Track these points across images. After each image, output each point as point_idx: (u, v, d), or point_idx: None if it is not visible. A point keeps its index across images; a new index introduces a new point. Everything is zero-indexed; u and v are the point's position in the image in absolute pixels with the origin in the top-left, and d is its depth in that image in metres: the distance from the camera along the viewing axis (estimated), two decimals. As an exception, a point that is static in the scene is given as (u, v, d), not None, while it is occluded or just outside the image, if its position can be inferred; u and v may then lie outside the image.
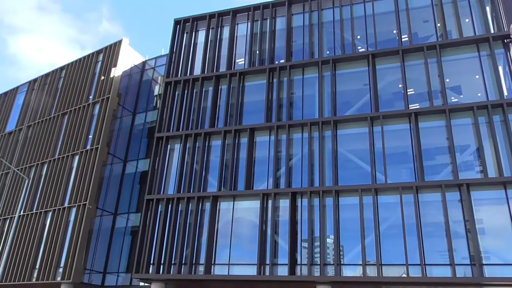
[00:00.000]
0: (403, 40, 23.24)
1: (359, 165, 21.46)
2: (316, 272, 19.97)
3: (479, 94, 20.94)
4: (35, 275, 27.35)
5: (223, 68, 26.84)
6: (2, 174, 34.29)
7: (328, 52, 24.77)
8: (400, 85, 22.41)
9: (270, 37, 26.36)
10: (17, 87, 38.68)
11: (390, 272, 19.07)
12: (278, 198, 22.08)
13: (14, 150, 34.86)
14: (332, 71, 23.65)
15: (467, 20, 22.53)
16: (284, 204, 21.76)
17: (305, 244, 20.55)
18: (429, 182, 19.77)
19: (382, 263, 19.13)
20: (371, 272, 19.20)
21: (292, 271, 20.17)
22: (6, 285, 29.06)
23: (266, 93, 24.57)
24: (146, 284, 25.13)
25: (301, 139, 22.97)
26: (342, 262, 19.96)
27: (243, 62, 26.70)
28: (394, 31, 23.67)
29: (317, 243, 20.46)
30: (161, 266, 22.77)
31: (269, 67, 25.14)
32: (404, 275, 18.69)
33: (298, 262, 20.49)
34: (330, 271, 19.86)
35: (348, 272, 19.89)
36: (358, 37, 24.36)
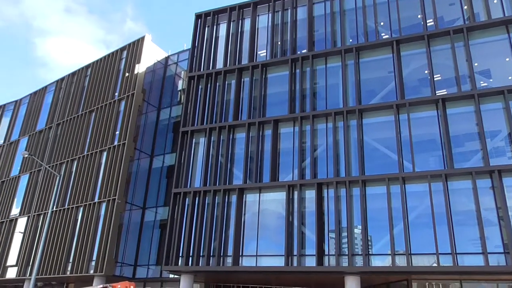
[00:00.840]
0: (428, 24, 22.64)
1: (385, 154, 21.15)
2: (345, 262, 19.87)
3: (509, 78, 20.24)
4: (69, 268, 28.21)
5: (245, 61, 26.81)
6: (34, 171, 35.37)
7: (351, 40, 24.40)
8: (426, 71, 21.89)
9: (291, 28, 26.14)
10: (46, 87, 39.69)
11: (420, 262, 18.80)
12: (304, 189, 22.01)
13: (45, 148, 35.88)
14: (355, 60, 23.30)
15: (495, 1, 21.75)
16: (310, 195, 21.69)
17: (333, 235, 20.45)
18: (459, 169, 19.32)
19: (412, 252, 18.87)
20: (401, 262, 18.98)
21: (320, 262, 20.14)
22: (43, 278, 30.11)
23: (289, 84, 24.43)
24: (176, 276, 25.59)
25: (326, 129, 22.78)
26: (370, 252, 19.79)
27: (265, 53, 26.60)
28: (419, 16, 23.07)
29: (344, 234, 20.35)
30: (190, 258, 23.11)
31: (291, 57, 24.97)
32: (435, 264, 18.40)
33: (326, 252, 20.43)
34: (359, 261, 19.73)
35: (377, 262, 19.70)
36: (382, 23, 23.89)
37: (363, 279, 20.40)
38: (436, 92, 21.09)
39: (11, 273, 32.00)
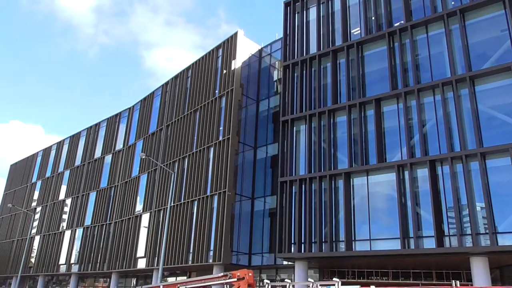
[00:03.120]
0: (547, -30, 19.86)
1: (506, 122, 19.12)
2: (468, 242, 18.46)
3: None
4: (190, 258, 30.29)
5: (339, 42, 26.11)
6: (151, 171, 38.45)
7: (453, 2, 22.38)
8: (549, 24, 19.27)
9: (385, 0, 24.79)
10: (153, 92, 42.81)
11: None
12: (415, 168, 20.88)
13: (158, 148, 38.80)
14: (460, 23, 21.35)
15: None
16: (423, 173, 20.49)
17: (452, 214, 19.11)
18: None
19: (549, 228, 16.88)
20: (535, 239, 17.10)
21: (440, 243, 18.96)
22: (168, 268, 32.77)
23: (388, 60, 23.27)
24: (290, 263, 26.06)
25: (434, 102, 21.29)
26: (497, 231, 18.12)
27: (359, 31, 25.63)
28: (534, -37, 20.34)
29: (465, 212, 18.90)
30: (302, 245, 23.34)
31: (388, 31, 23.72)
32: None
33: (446, 233, 19.17)
34: (484, 241, 18.19)
35: (506, 241, 17.94)
36: (489, -22, 21.52)
37: (491, 259, 18.81)
38: None
39: (141, 264, 35.32)
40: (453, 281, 11.49)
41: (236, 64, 32.56)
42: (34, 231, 52.74)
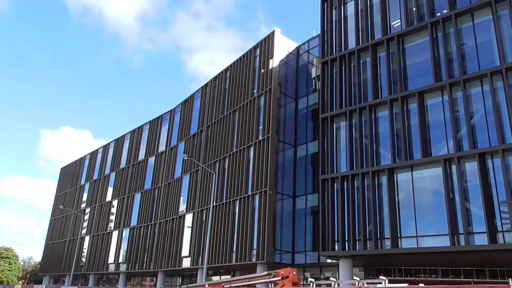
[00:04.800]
0: None
1: (562, 111, 18.02)
2: (523, 239, 17.53)
3: None
4: (233, 257, 30.52)
5: (378, 35, 25.51)
6: (193, 171, 39.07)
7: (500, -12, 21.33)
8: None
9: (426, -11, 24.00)
10: (193, 94, 43.51)
11: None
12: (462, 162, 20.05)
13: (199, 149, 39.38)
14: (510, 8, 20.29)
15: None
16: (472, 167, 19.63)
17: (505, 209, 18.18)
18: None
19: None
20: None
21: (492, 239, 18.10)
22: (212, 267, 33.16)
23: (431, 51, 22.48)
24: (334, 261, 25.73)
25: (481, 92, 20.36)
26: (555, 226, 17.10)
27: (399, 23, 24.93)
28: None
29: (519, 207, 17.93)
30: (346, 243, 22.98)
31: (431, 21, 22.92)
32: None
33: (499, 229, 18.28)
34: (541, 237, 17.21)
35: None
36: (539, -40, 20.37)
37: (550, 257, 17.77)
38: None
39: (186, 263, 35.97)
40: (510, 279, 10.91)
41: (274, 63, 32.54)
42: (84, 231, 54.93)
